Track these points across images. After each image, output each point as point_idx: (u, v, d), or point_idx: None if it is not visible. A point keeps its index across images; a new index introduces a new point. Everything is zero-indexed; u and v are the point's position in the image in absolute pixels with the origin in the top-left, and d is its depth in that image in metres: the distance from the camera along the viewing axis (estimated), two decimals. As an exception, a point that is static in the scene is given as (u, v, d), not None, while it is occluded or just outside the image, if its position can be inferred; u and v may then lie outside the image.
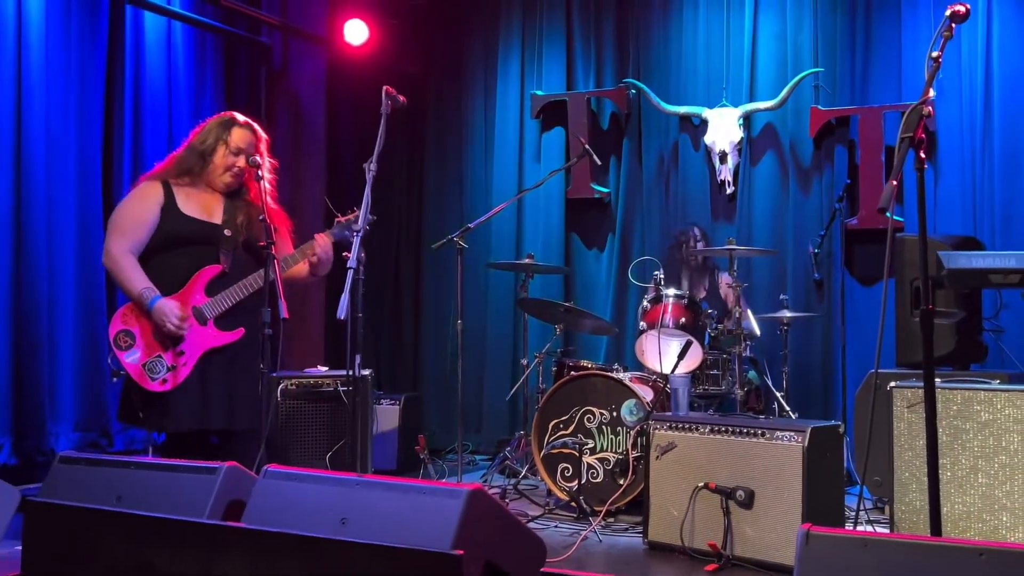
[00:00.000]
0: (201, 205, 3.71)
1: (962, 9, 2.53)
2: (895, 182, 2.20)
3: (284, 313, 3.30)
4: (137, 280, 3.56)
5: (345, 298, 2.86)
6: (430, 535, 1.89)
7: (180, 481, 2.31)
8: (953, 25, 2.51)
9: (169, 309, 3.53)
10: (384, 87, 3.29)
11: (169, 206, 3.66)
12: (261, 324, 3.36)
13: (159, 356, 3.56)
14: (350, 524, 1.99)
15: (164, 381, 3.54)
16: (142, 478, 2.37)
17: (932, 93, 2.33)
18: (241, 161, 3.69)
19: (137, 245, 3.63)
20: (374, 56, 6.66)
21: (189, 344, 3.59)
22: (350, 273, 2.94)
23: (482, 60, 7.00)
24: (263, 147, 3.80)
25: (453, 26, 7.08)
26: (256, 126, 3.82)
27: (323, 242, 3.76)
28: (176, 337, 3.57)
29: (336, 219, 3.73)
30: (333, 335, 6.57)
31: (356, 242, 3.05)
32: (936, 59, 2.44)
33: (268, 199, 3.75)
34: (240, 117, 3.82)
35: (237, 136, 3.71)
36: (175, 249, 3.65)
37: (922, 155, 2.29)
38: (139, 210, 3.67)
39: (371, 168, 3.18)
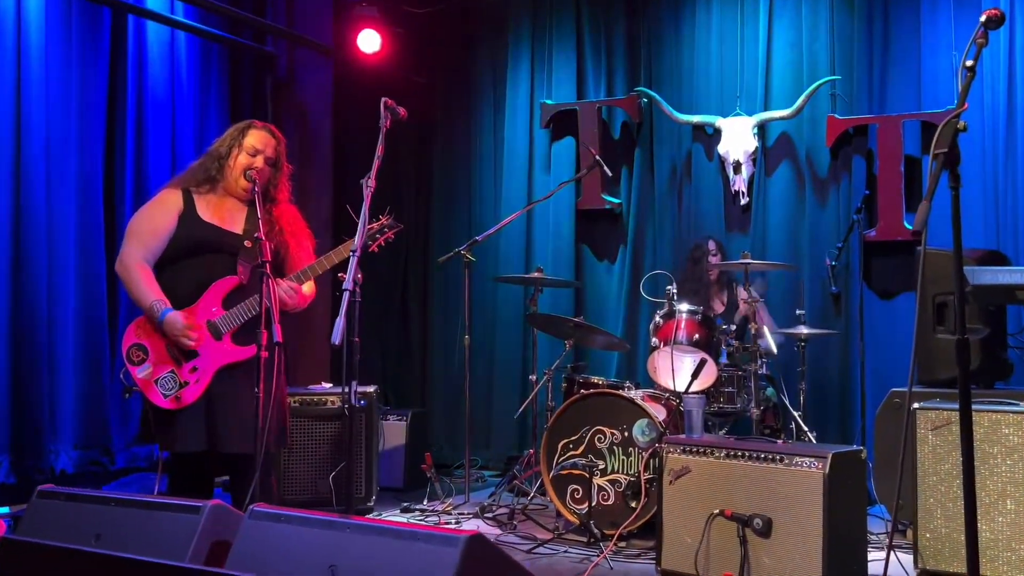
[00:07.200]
0: (222, 213, 3.59)
1: (997, 13, 2.35)
2: (929, 201, 2.03)
3: (277, 337, 3.15)
4: (149, 292, 3.44)
5: (340, 322, 2.70)
6: (426, 585, 1.75)
7: (162, 520, 2.17)
8: (987, 32, 2.32)
9: (181, 324, 3.40)
10: (383, 99, 3.13)
11: (188, 213, 3.55)
12: (258, 346, 3.20)
13: (172, 372, 3.44)
14: (340, 572, 1.85)
15: (177, 398, 3.41)
16: (122, 516, 2.23)
17: (966, 106, 2.15)
18: (258, 162, 3.58)
19: (152, 254, 3.51)
20: (381, 66, 6.55)
21: (203, 360, 3.46)
22: (346, 295, 2.78)
23: (491, 69, 6.87)
24: (282, 148, 3.70)
25: (461, 35, 6.96)
26: (274, 128, 3.74)
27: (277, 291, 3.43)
28: (190, 352, 3.44)
29: (367, 227, 3.37)
30: (338, 352, 6.42)
31: (352, 263, 2.89)
32: (971, 68, 2.24)
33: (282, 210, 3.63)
34: (259, 122, 3.75)
35: (252, 137, 3.62)
36: (192, 257, 3.52)
37: (957, 172, 2.11)
38: (157, 217, 3.55)
39: (368, 184, 3.02)
